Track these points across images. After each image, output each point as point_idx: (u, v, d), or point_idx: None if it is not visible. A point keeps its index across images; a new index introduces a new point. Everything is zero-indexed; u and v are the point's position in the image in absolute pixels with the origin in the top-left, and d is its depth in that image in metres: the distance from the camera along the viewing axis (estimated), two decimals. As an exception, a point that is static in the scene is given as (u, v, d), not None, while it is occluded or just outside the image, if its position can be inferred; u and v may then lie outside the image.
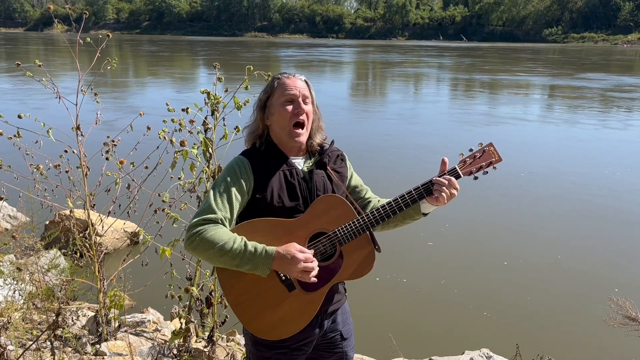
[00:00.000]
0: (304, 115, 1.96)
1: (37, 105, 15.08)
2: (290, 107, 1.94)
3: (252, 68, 3.05)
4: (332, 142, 2.10)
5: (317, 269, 1.82)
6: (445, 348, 4.31)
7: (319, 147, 2.06)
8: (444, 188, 1.91)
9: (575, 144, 12.45)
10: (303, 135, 1.97)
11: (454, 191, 1.92)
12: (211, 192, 1.88)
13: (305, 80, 2.01)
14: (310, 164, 2.03)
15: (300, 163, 2.01)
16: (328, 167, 2.03)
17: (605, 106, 19.06)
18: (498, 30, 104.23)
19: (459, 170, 1.97)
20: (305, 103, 1.96)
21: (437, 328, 4.85)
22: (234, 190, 1.87)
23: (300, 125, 1.96)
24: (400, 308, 5.15)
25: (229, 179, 1.89)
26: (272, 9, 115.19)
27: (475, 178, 2.01)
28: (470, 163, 1.98)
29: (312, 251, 1.84)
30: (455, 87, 25.63)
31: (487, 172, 2.00)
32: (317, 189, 1.97)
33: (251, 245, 1.79)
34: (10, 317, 3.03)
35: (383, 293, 5.33)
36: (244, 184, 1.89)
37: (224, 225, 1.83)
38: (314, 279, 1.81)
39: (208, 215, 1.82)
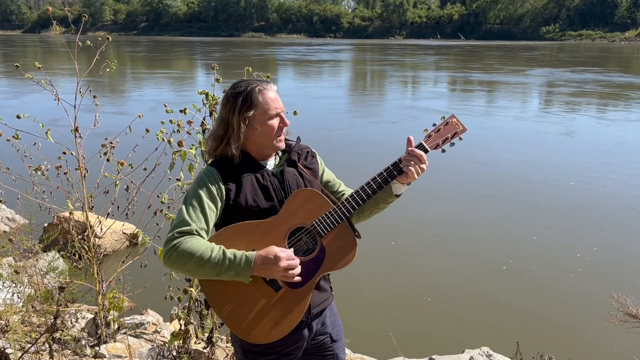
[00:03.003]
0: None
1: (36, 106, 15.07)
2: (275, 122, 1.93)
3: (250, 69, 3.04)
4: (298, 138, 2.09)
5: (299, 266, 1.81)
6: (446, 347, 4.30)
7: (285, 146, 2.05)
8: (412, 162, 1.90)
9: (571, 141, 12.56)
10: (283, 141, 1.99)
11: (423, 165, 1.92)
12: (183, 206, 1.85)
13: (276, 89, 2.01)
14: (280, 163, 2.03)
15: (269, 164, 2.00)
16: (299, 164, 2.02)
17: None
18: (495, 28, 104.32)
19: (425, 145, 1.97)
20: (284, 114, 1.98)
21: (437, 327, 4.85)
22: (206, 200, 1.84)
23: (281, 135, 1.98)
24: (400, 307, 5.15)
25: (199, 190, 1.86)
26: (270, 9, 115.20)
27: (443, 151, 2.02)
28: (435, 137, 1.99)
29: (291, 249, 1.83)
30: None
31: (453, 143, 2.01)
32: (290, 187, 1.96)
33: (230, 252, 1.77)
34: (9, 320, 3.03)
35: (383, 292, 5.33)
36: (215, 193, 1.87)
37: (200, 236, 1.81)
38: (297, 278, 1.81)
39: (183, 228, 1.79)
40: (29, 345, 2.98)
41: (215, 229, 1.94)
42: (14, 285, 3.58)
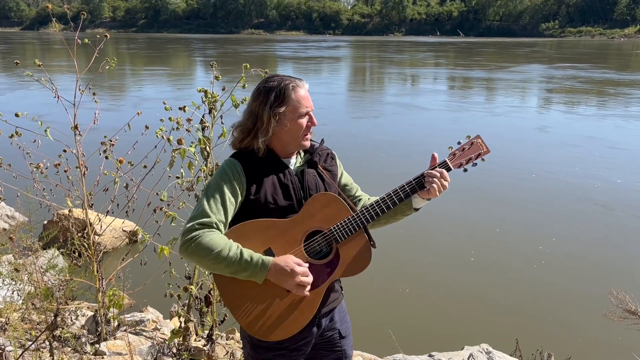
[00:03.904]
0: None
1: (34, 104, 15.04)
2: (304, 121, 1.93)
3: (248, 66, 3.04)
4: (322, 140, 2.09)
5: (310, 284, 1.82)
6: (445, 344, 4.31)
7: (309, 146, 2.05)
8: (436, 179, 1.93)
9: (542, 135, 12.73)
10: (309, 140, 1.99)
11: (445, 183, 1.95)
12: (204, 197, 1.85)
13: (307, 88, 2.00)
14: (301, 163, 2.03)
15: (292, 163, 2.00)
16: (319, 166, 2.02)
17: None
18: (495, 25, 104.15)
19: (449, 163, 2.00)
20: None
21: (437, 324, 4.86)
22: (227, 193, 1.84)
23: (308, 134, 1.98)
24: (399, 304, 5.16)
25: (221, 182, 1.86)
26: (269, 5, 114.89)
27: (465, 170, 2.05)
28: (460, 155, 2.01)
29: (307, 265, 1.84)
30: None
31: (475, 164, 2.04)
32: (309, 188, 1.96)
33: (247, 253, 1.78)
34: (9, 318, 3.03)
35: (382, 290, 5.34)
36: (237, 186, 1.87)
37: (219, 229, 1.81)
38: (307, 293, 1.82)
39: (202, 220, 1.79)
40: (30, 343, 2.98)
41: (231, 221, 1.94)
42: (13, 282, 3.58)
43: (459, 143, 2.03)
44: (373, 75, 29.59)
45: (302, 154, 2.06)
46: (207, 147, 3.12)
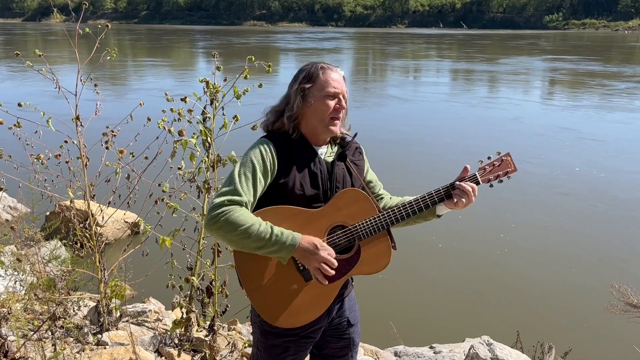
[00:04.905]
0: (343, 111, 1.97)
1: (36, 95, 15.03)
2: (332, 102, 1.92)
3: (253, 59, 3.02)
4: (355, 134, 2.08)
5: (332, 272, 1.82)
6: (446, 336, 4.33)
7: (340, 138, 2.05)
8: (466, 195, 1.95)
9: (514, 125, 12.92)
10: (338, 126, 1.97)
11: (474, 199, 1.97)
12: (236, 173, 1.83)
13: (343, 75, 2.00)
14: (332, 154, 2.02)
15: (322, 152, 1.99)
16: (348, 160, 2.02)
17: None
18: (498, 17, 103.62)
19: (479, 178, 2.02)
20: (344, 99, 1.97)
21: (438, 316, 4.87)
22: (259, 173, 1.84)
23: (337, 119, 1.96)
24: (400, 296, 5.16)
25: (255, 161, 1.85)
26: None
27: (491, 186, 2.07)
28: (490, 171, 2.04)
29: (333, 250, 1.84)
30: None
31: (502, 181, 2.06)
32: (337, 180, 1.96)
33: (277, 229, 1.78)
34: (11, 308, 3.04)
35: (383, 281, 5.34)
36: (268, 167, 1.86)
37: (247, 208, 1.81)
38: (326, 282, 1.83)
39: (234, 197, 1.78)
40: (32, 333, 2.99)
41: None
42: (16, 273, 3.59)
43: (489, 158, 2.04)
44: (360, 67, 29.65)
45: (334, 146, 2.05)
46: (209, 139, 3.11)
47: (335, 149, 2.05)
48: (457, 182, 1.97)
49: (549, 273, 5.59)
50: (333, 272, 1.82)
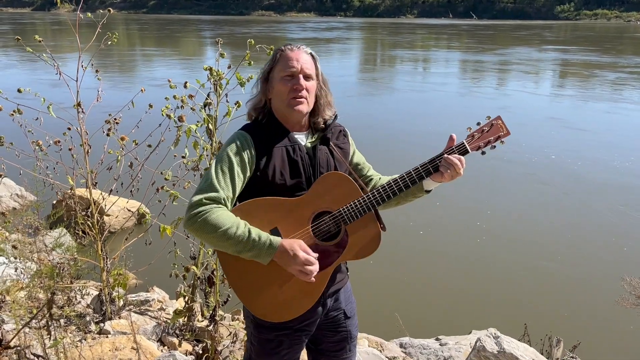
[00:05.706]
0: (304, 91, 1.85)
1: (35, 83, 15.04)
2: (289, 83, 1.84)
3: (253, 42, 2.95)
4: (335, 116, 1.99)
5: (316, 272, 1.76)
6: (452, 328, 4.28)
7: (323, 125, 1.96)
8: (452, 166, 1.84)
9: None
10: (303, 104, 1.86)
11: (460, 170, 1.86)
12: (212, 169, 1.78)
13: (311, 53, 1.90)
14: (314, 140, 1.95)
15: (302, 139, 1.92)
16: (331, 143, 1.95)
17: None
18: (509, 7, 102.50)
19: (467, 146, 1.90)
20: (307, 79, 1.86)
21: (444, 308, 4.82)
22: (236, 167, 1.78)
23: (298, 98, 1.86)
24: (406, 288, 5.12)
25: (231, 155, 1.79)
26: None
27: (483, 153, 1.95)
28: (478, 137, 1.91)
29: (316, 255, 1.77)
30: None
31: (494, 146, 1.94)
32: (320, 165, 1.89)
33: (255, 233, 1.72)
34: (5, 296, 3.02)
35: (389, 273, 5.30)
36: (246, 161, 1.80)
37: (226, 205, 1.75)
38: (312, 280, 1.75)
39: (210, 194, 1.73)
40: (28, 320, 2.97)
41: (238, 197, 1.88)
42: (19, 261, 3.57)
43: (478, 124, 1.93)
44: (352, 56, 29.68)
45: (315, 131, 1.97)
46: (211, 126, 3.05)
47: (319, 134, 1.97)
48: (445, 155, 1.87)
49: (558, 266, 5.52)
50: (315, 272, 1.75)
